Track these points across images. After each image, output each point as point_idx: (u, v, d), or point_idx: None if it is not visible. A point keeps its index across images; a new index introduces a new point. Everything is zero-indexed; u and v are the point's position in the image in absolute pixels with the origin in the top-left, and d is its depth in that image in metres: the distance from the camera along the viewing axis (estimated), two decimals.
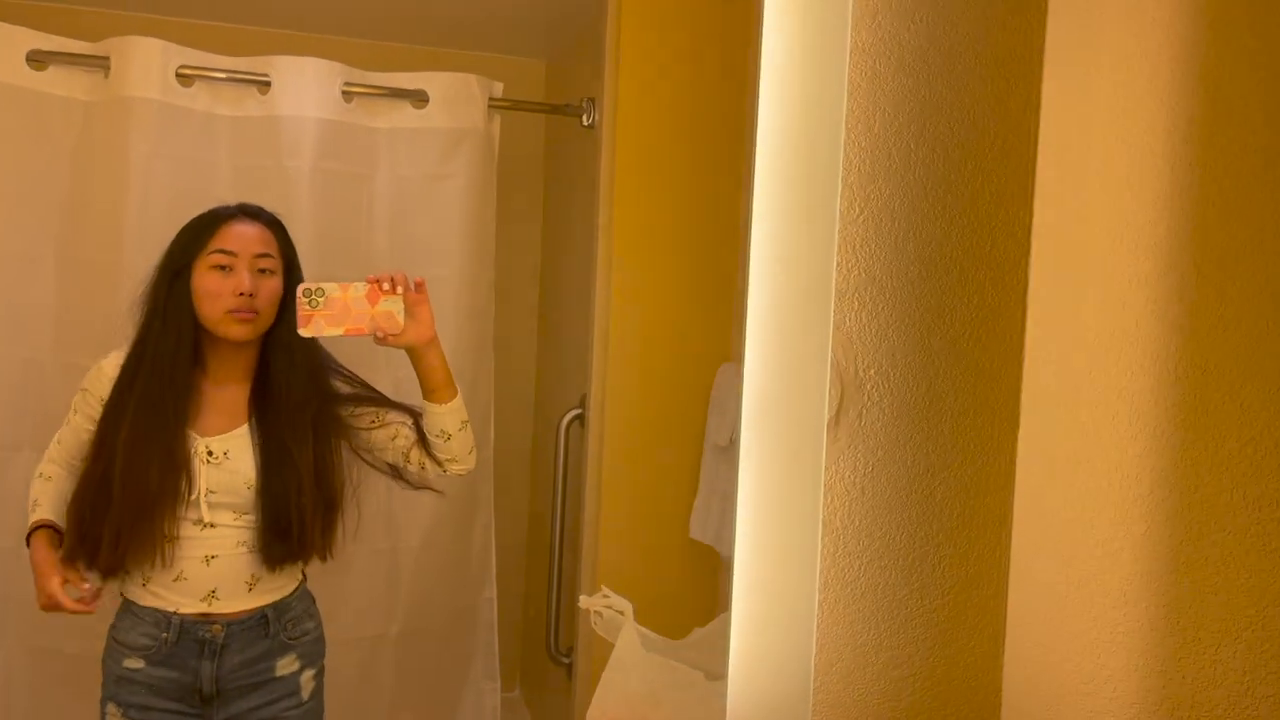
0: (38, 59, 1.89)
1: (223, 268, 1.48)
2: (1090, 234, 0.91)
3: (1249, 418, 0.77)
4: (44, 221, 1.89)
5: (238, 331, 1.48)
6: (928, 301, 0.96)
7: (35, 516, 1.51)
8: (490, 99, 2.06)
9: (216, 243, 1.48)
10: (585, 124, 2.03)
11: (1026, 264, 0.98)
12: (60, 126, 1.91)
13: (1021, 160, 0.97)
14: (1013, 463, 0.98)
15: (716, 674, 1.16)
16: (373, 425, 1.60)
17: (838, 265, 0.93)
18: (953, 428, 0.97)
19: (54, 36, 1.90)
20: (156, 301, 1.50)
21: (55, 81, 1.91)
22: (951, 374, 0.97)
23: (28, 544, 1.50)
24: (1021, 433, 0.98)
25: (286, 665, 1.56)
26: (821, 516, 0.93)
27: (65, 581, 1.46)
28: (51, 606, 1.46)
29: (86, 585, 1.48)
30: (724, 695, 0.96)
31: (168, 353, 1.48)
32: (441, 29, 2.19)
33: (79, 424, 1.53)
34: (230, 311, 1.47)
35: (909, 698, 0.97)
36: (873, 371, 0.95)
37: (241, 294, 1.46)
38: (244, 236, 1.50)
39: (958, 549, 0.98)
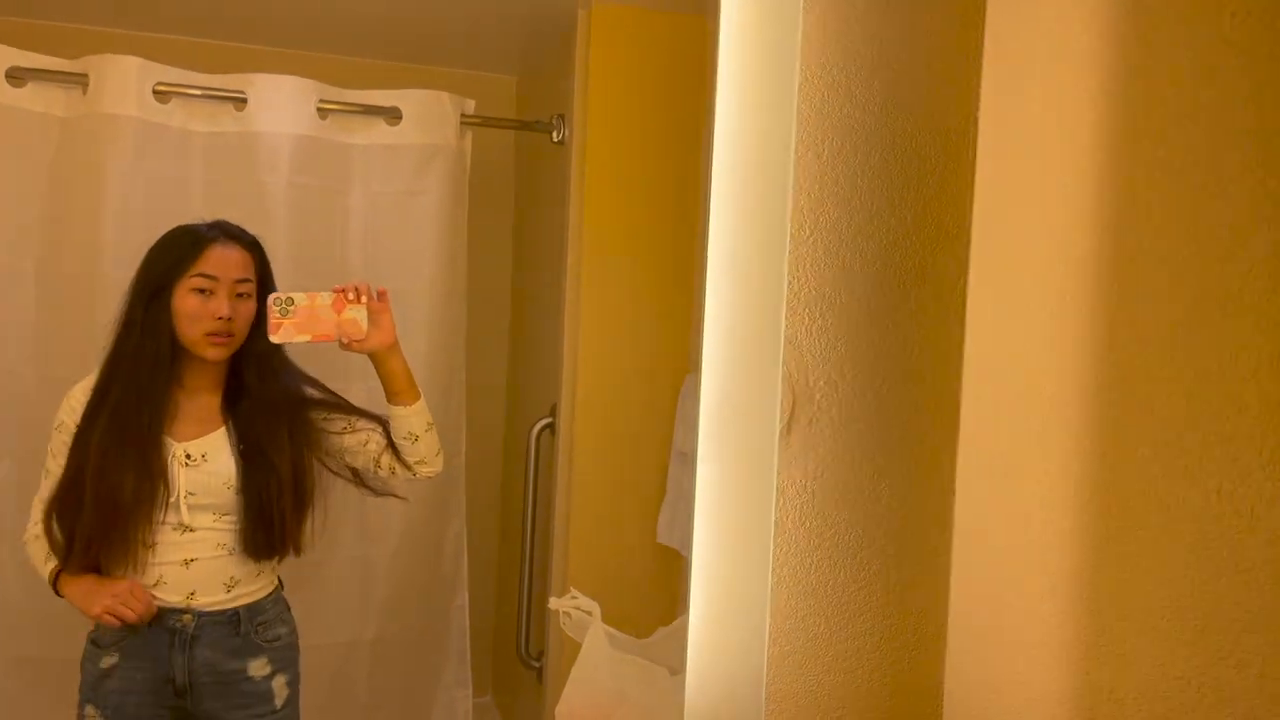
0: (16, 76, 1.92)
1: (203, 290, 1.52)
2: (1024, 252, 0.98)
3: (1160, 424, 0.84)
4: (23, 236, 1.92)
5: (214, 354, 1.55)
6: (873, 316, 1.03)
7: (51, 565, 1.56)
8: (462, 115, 2.12)
9: (199, 266, 1.53)
10: (555, 140, 2.09)
11: (965, 281, 1.04)
12: (38, 142, 1.94)
13: (960, 183, 1.04)
14: (954, 466, 1.05)
15: (680, 669, 1.22)
16: (344, 430, 1.66)
17: (789, 282, 1.00)
18: (897, 434, 1.04)
19: (32, 54, 1.93)
20: (134, 317, 1.54)
21: (34, 98, 1.94)
22: (895, 383, 1.03)
23: (57, 591, 1.55)
24: (961, 438, 1.04)
25: (259, 669, 1.60)
26: (774, 518, 0.99)
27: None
28: (124, 599, 1.50)
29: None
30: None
31: (145, 366, 1.52)
32: (415, 45, 2.24)
33: (57, 472, 1.55)
34: (208, 334, 1.52)
35: (858, 686, 1.03)
36: (822, 382, 1.01)
37: (220, 318, 1.52)
38: (226, 261, 1.55)
39: (902, 548, 1.04)
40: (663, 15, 2.02)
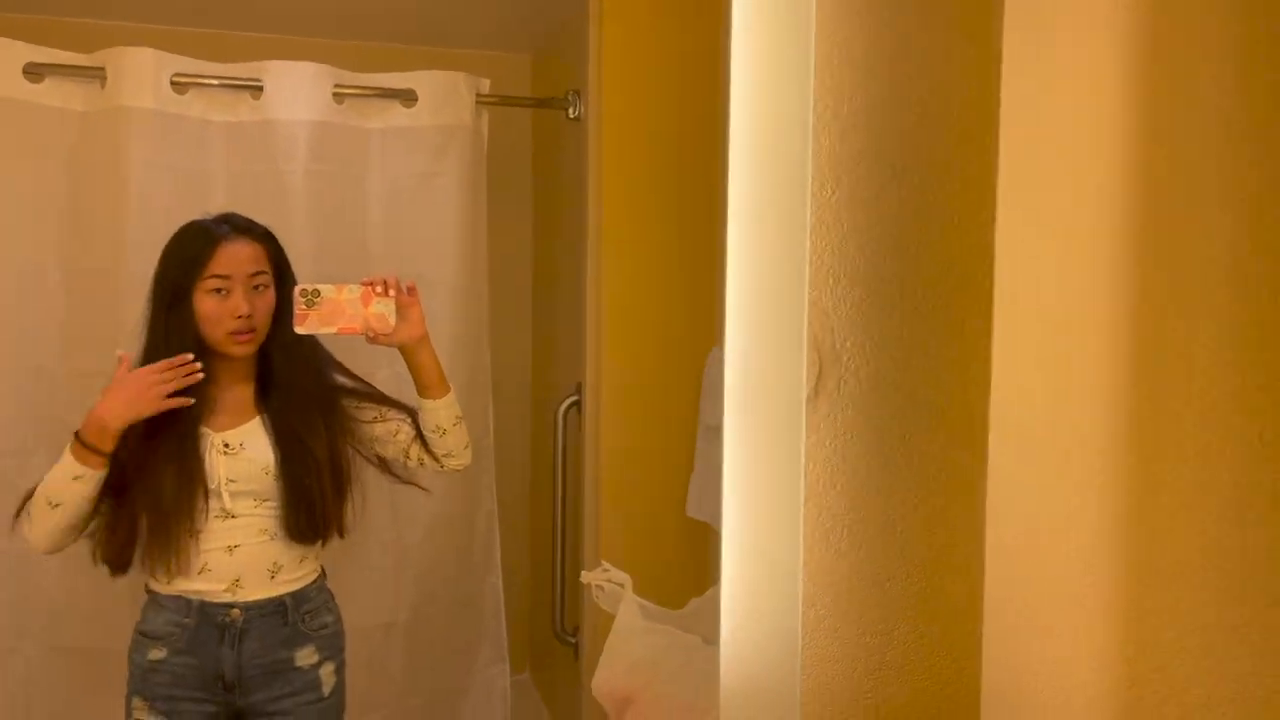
0: (34, 71, 1.93)
1: (219, 290, 1.53)
2: (1053, 199, 0.96)
3: (1196, 373, 0.82)
4: (46, 232, 1.94)
5: (239, 351, 1.56)
6: (899, 275, 1.01)
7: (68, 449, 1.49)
8: (477, 95, 2.11)
9: (211, 268, 1.52)
10: (571, 116, 2.08)
11: (992, 232, 1.03)
12: (58, 137, 1.95)
13: (984, 135, 1.02)
14: (986, 426, 1.03)
15: (714, 639, 1.22)
16: (375, 420, 1.68)
17: (812, 244, 0.98)
18: (928, 393, 1.02)
19: (49, 49, 1.94)
20: (158, 322, 1.56)
21: (52, 93, 1.95)
22: (925, 342, 1.02)
23: (82, 442, 1.47)
24: (993, 392, 1.03)
25: (306, 657, 1.61)
26: (804, 482, 0.98)
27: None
28: (153, 380, 1.47)
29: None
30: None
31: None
32: (428, 27, 2.23)
33: None
34: (230, 333, 1.54)
35: (895, 649, 1.03)
36: (849, 343, 1.00)
37: (240, 316, 1.53)
38: (237, 258, 1.54)
39: (935, 509, 1.03)
40: None
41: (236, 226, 1.58)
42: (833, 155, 0.97)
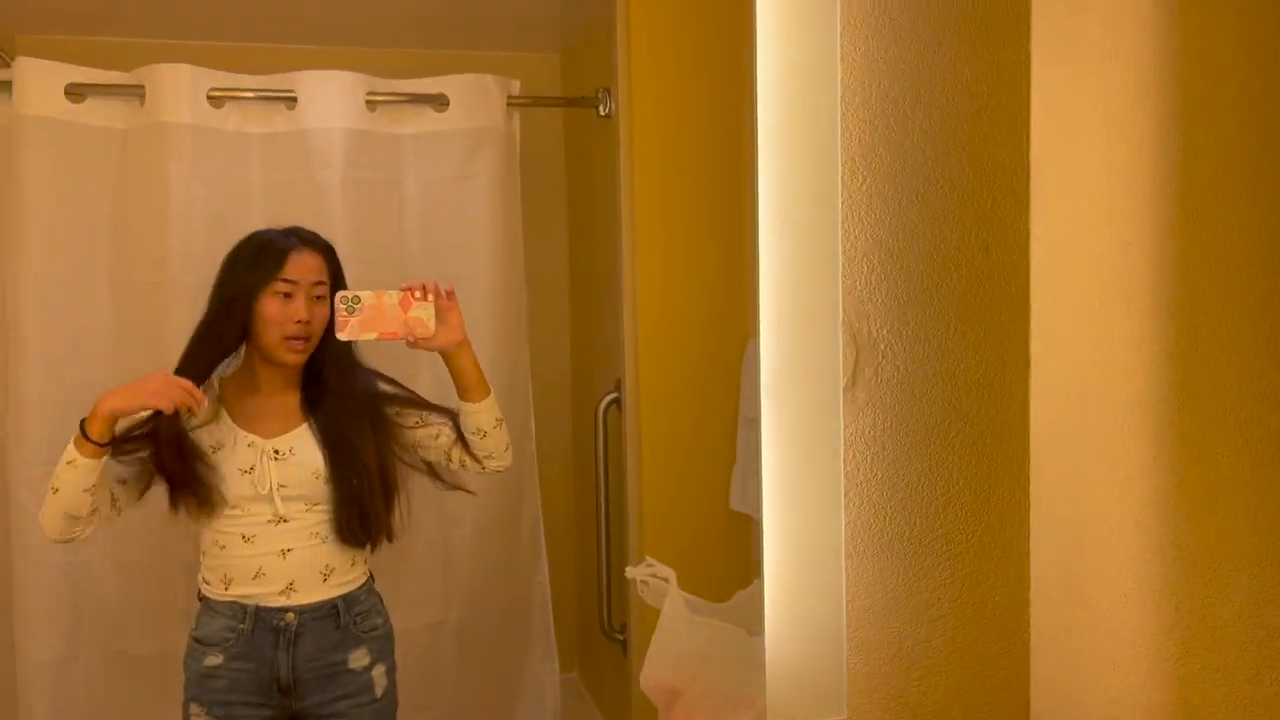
0: (75, 92, 1.97)
1: (285, 295, 1.57)
2: (1086, 184, 0.94)
3: (1237, 347, 0.80)
4: (94, 248, 1.98)
5: (292, 359, 1.60)
6: (934, 259, 1.00)
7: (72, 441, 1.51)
8: (509, 97, 2.12)
9: (282, 273, 1.58)
10: (602, 114, 2.08)
11: (1027, 215, 1.01)
12: (101, 155, 1.99)
13: (1015, 115, 1.01)
14: (1026, 406, 1.02)
15: (759, 631, 1.22)
16: (417, 425, 1.70)
17: (845, 232, 0.98)
18: (966, 378, 1.01)
19: (90, 69, 1.98)
20: (214, 324, 1.59)
21: (94, 113, 1.99)
22: (962, 326, 1.01)
23: (85, 434, 1.48)
24: (1033, 376, 1.02)
25: (358, 659, 1.64)
26: (844, 471, 0.98)
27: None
28: (166, 382, 1.50)
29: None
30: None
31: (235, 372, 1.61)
32: (457, 31, 2.24)
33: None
34: (287, 338, 1.58)
35: (941, 637, 1.02)
36: (885, 330, 0.99)
37: (300, 321, 1.57)
38: (305, 266, 1.60)
39: (978, 494, 1.02)
40: None
41: (303, 238, 1.63)
42: (864, 144, 0.96)
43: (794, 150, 1.00)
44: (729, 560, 2.02)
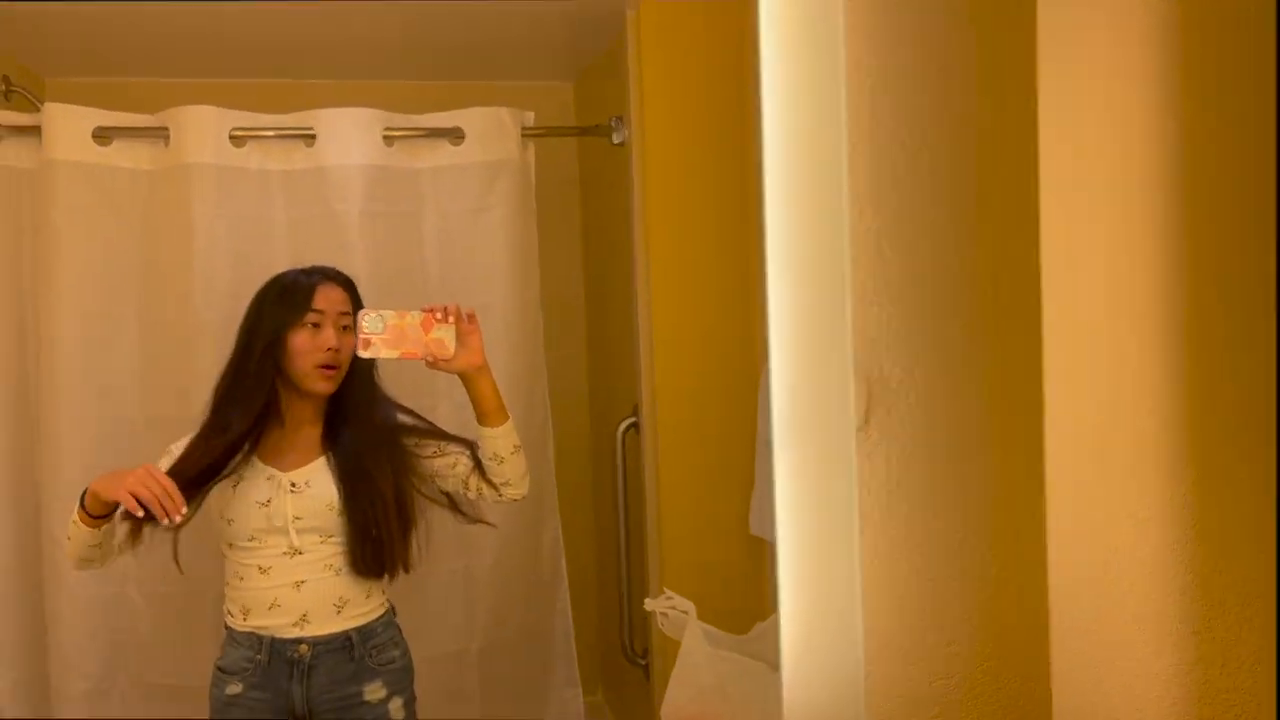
0: (101, 135, 2.02)
1: (315, 325, 1.63)
2: (1094, 218, 0.95)
3: (1243, 381, 0.81)
4: (123, 286, 2.03)
5: (324, 387, 1.64)
6: (944, 298, 1.01)
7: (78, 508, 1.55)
8: (523, 128, 2.15)
9: (311, 304, 1.64)
10: (615, 142, 2.10)
11: (1037, 253, 1.02)
12: (128, 196, 2.05)
13: (1023, 154, 1.01)
14: (1041, 444, 1.03)
15: (778, 665, 1.23)
16: (435, 455, 1.72)
17: (854, 271, 0.98)
18: (980, 417, 1.02)
19: (116, 112, 2.03)
20: (245, 363, 1.64)
21: (121, 155, 2.05)
22: (974, 366, 1.02)
23: (84, 507, 1.53)
24: (1047, 415, 1.02)
25: (374, 692, 1.66)
26: (859, 511, 0.98)
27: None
28: (144, 477, 1.48)
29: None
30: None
31: (258, 405, 1.63)
32: (470, 63, 2.28)
33: None
34: (319, 366, 1.63)
35: (960, 674, 1.02)
36: (898, 370, 1.00)
37: (330, 349, 1.62)
38: (330, 298, 1.66)
39: (995, 532, 1.03)
40: (710, 3, 2.00)
41: (325, 274, 1.69)
42: (870, 180, 0.97)
43: (800, 191, 1.01)
44: (750, 584, 2.03)
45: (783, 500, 1.00)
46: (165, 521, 1.48)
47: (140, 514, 1.46)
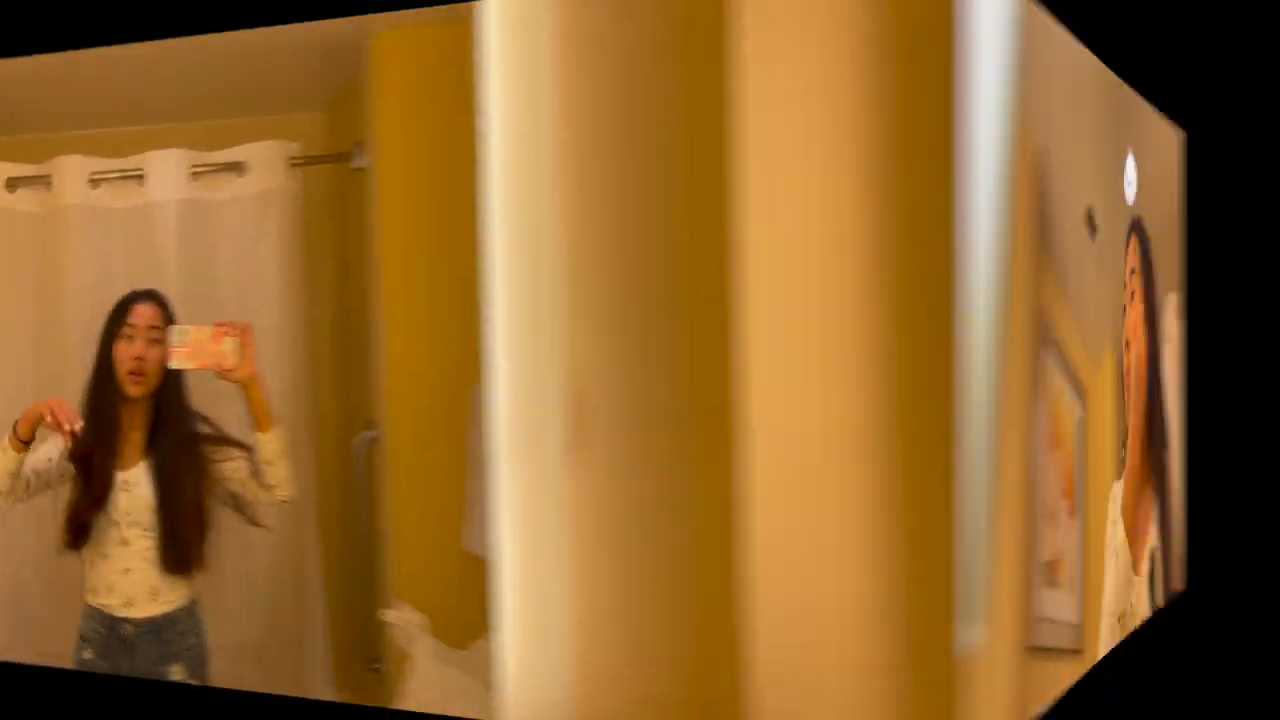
0: (10, 185, 2.53)
1: (129, 338, 2.07)
2: (789, 227, 0.99)
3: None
4: (21, 319, 2.54)
5: (134, 391, 2.08)
6: (649, 323, 1.05)
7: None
8: (289, 158, 2.33)
9: (125, 319, 2.09)
10: (353, 167, 2.23)
11: (730, 267, 1.05)
12: (30, 237, 2.54)
13: (720, 173, 1.03)
14: (745, 461, 1.05)
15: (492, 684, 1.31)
16: (223, 460, 2.07)
17: (569, 296, 1.04)
18: (683, 437, 1.06)
19: (19, 164, 2.51)
20: (100, 365, 2.13)
21: (24, 200, 2.54)
22: (677, 386, 1.06)
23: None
24: (751, 434, 1.06)
25: (177, 674, 2.11)
26: (569, 530, 1.07)
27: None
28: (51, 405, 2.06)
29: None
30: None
31: (101, 411, 2.10)
32: (255, 99, 2.46)
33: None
34: (129, 373, 2.07)
35: (662, 695, 1.10)
36: (605, 392, 1.06)
37: (136, 358, 2.04)
38: (141, 314, 2.10)
39: (700, 533, 1.07)
40: (445, 29, 2.00)
41: (144, 294, 2.16)
42: (581, 211, 1.03)
43: (516, 220, 1.07)
44: (479, 600, 2.13)
45: (498, 520, 1.10)
46: (65, 426, 2.03)
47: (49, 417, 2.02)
